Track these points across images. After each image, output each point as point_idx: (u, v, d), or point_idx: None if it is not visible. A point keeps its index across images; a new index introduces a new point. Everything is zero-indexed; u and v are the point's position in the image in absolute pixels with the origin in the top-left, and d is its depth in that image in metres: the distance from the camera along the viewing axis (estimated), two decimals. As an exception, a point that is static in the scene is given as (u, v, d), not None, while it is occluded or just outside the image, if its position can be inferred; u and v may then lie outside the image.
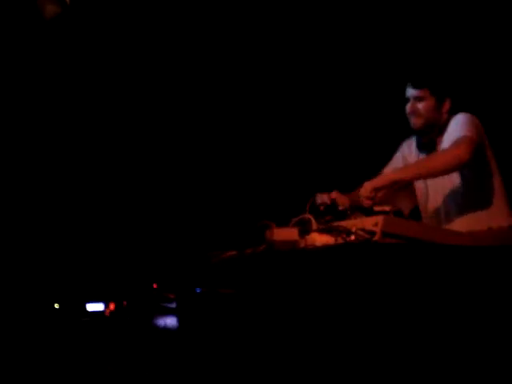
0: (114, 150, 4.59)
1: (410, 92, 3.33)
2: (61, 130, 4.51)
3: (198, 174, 4.63)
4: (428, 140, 3.35)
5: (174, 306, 3.10)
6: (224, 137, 4.67)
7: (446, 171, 3.20)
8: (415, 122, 3.33)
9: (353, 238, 2.55)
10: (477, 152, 3.12)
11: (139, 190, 4.57)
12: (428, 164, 3.19)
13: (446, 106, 3.31)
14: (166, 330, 3.13)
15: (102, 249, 4.37)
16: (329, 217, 2.86)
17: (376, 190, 3.05)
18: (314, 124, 4.66)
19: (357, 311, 2.47)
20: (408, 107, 3.33)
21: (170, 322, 3.12)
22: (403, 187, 3.33)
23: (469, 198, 3.27)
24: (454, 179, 3.29)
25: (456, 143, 3.14)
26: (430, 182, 3.36)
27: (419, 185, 3.42)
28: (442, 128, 3.31)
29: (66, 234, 4.37)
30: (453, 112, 3.33)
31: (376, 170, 3.45)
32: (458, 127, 3.21)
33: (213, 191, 4.58)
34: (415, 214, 3.44)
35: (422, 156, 3.39)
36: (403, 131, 3.50)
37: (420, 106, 3.30)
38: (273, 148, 4.64)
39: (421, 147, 3.40)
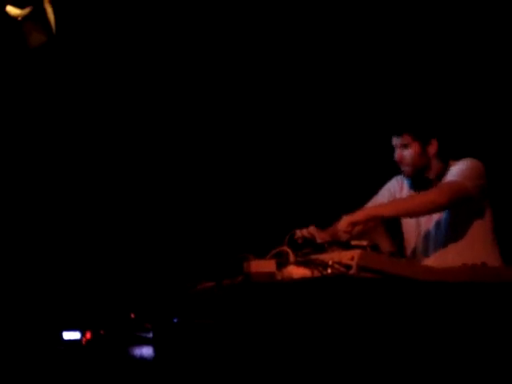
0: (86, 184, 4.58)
1: (394, 140, 3.30)
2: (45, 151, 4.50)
3: (176, 204, 4.63)
4: (423, 180, 3.33)
5: (150, 335, 3.10)
6: (203, 168, 4.68)
7: (422, 213, 3.23)
8: (405, 170, 3.33)
9: (329, 271, 2.57)
10: (464, 198, 3.13)
11: (116, 219, 4.56)
12: (406, 204, 3.22)
13: (433, 147, 3.28)
14: (142, 359, 3.12)
15: (80, 277, 4.35)
16: (307, 250, 2.88)
17: (353, 224, 3.07)
18: (297, 157, 4.68)
19: (330, 344, 2.48)
20: (395, 156, 3.31)
21: (146, 351, 3.11)
22: (386, 225, 3.35)
23: (458, 237, 3.27)
24: (446, 218, 3.29)
25: (440, 187, 3.18)
26: (422, 219, 3.35)
27: (409, 221, 3.41)
28: (441, 173, 3.28)
29: (42, 262, 4.35)
30: (451, 154, 3.33)
31: (357, 205, 3.47)
32: (454, 172, 3.21)
33: (192, 223, 4.58)
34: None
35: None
36: (386, 166, 3.51)
37: (406, 153, 3.27)
38: (252, 179, 4.65)
39: (416, 186, 3.36)
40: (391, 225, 3.42)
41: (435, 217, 3.31)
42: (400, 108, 3.51)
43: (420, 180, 3.34)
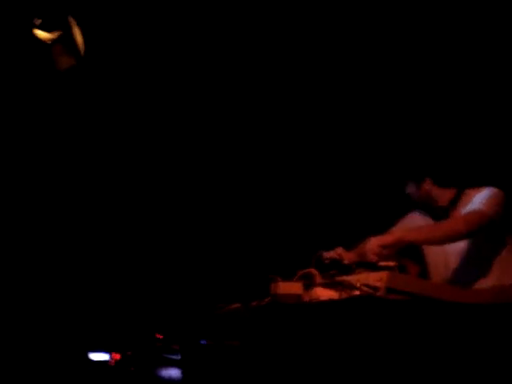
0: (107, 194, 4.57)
1: None
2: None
3: (205, 224, 4.63)
4: (438, 210, 3.43)
5: (178, 357, 3.09)
6: (231, 188, 4.67)
7: (445, 241, 3.28)
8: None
9: (357, 293, 2.55)
10: (487, 226, 3.20)
11: (145, 240, 4.56)
12: (431, 232, 3.27)
13: (427, 184, 3.41)
14: (170, 381, 3.12)
15: (108, 298, 4.36)
16: (334, 271, 2.87)
17: (383, 246, 3.07)
18: (324, 179, 4.68)
19: (359, 366, 2.46)
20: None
21: (174, 373, 3.10)
22: (410, 251, 3.38)
23: (483, 261, 3.31)
24: (472, 243, 3.34)
25: (463, 217, 3.24)
26: (449, 248, 3.38)
27: (435, 250, 3.45)
28: (454, 200, 3.40)
29: (71, 283, 4.36)
30: (454, 181, 3.44)
31: (381, 227, 3.47)
32: (477, 200, 3.28)
33: (219, 243, 4.57)
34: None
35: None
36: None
37: (408, 190, 3.47)
38: (280, 201, 4.64)
39: (434, 216, 3.46)
40: (413, 252, 3.47)
41: (461, 246, 3.34)
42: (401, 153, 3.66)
43: (434, 210, 3.44)
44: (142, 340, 3.35)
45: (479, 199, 3.28)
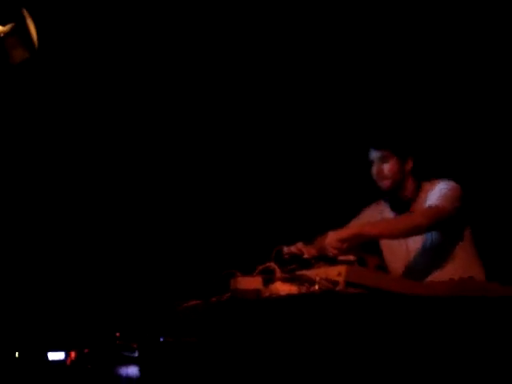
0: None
1: (373, 154, 3.41)
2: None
3: (162, 222, 4.60)
4: (400, 202, 3.43)
5: (136, 354, 3.07)
6: (190, 186, 4.65)
7: (405, 235, 3.32)
8: (382, 184, 3.43)
9: (316, 287, 2.56)
10: (446, 221, 3.25)
11: (101, 237, 4.52)
12: (391, 225, 3.30)
13: (409, 165, 3.40)
14: (127, 379, 3.09)
15: (64, 296, 4.32)
16: (294, 266, 2.87)
17: (342, 240, 3.07)
18: (282, 173, 4.68)
19: (318, 360, 2.47)
20: (373, 170, 3.42)
21: (132, 371, 3.08)
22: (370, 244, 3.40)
23: (441, 254, 3.37)
24: (430, 237, 3.39)
25: (423, 210, 3.28)
26: (410, 242, 3.43)
27: (396, 244, 3.47)
28: (415, 193, 3.40)
29: (26, 281, 4.31)
30: (423, 174, 3.44)
31: (341, 220, 3.48)
32: (435, 195, 3.31)
33: (177, 240, 4.55)
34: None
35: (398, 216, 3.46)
36: (369, 182, 3.54)
37: (385, 167, 3.39)
38: (239, 196, 4.64)
39: (395, 208, 3.47)
40: (373, 245, 3.49)
41: (422, 239, 3.37)
42: (383, 123, 3.60)
43: (398, 200, 3.44)
44: (99, 338, 3.32)
45: (436, 194, 3.32)
